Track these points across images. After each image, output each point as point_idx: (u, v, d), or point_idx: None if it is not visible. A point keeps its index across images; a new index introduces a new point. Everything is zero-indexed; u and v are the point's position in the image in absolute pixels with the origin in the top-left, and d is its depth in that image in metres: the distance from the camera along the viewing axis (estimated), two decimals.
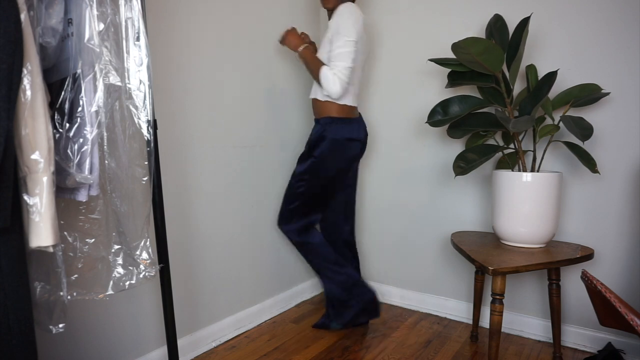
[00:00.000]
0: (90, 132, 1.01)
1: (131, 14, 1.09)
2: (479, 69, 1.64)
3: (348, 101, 1.84)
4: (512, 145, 1.79)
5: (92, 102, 1.02)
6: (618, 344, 1.73)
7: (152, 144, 1.19)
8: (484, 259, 1.52)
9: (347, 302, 1.94)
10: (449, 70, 1.85)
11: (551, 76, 1.55)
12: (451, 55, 1.98)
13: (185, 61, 1.70)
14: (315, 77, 1.80)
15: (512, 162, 1.82)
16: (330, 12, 1.87)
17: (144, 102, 1.13)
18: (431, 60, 1.80)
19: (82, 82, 1.01)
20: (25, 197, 0.90)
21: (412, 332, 2.00)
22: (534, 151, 1.70)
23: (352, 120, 1.86)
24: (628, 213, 1.70)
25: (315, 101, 1.89)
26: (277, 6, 2.12)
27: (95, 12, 1.00)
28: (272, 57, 2.11)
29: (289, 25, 2.18)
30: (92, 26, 1.00)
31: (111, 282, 1.14)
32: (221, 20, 1.84)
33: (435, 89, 2.11)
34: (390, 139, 2.28)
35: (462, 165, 1.75)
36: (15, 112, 0.86)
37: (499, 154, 1.93)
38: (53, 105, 1.02)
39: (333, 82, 1.74)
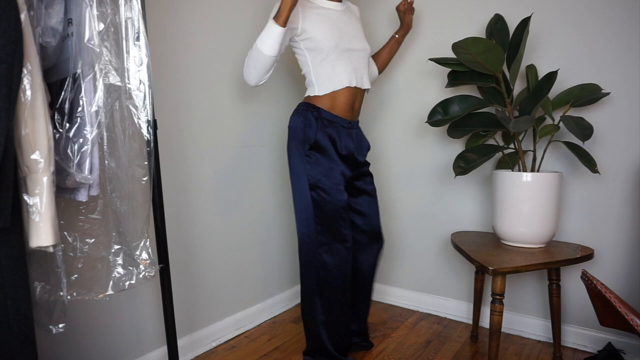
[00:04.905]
0: (90, 132, 1.02)
1: (131, 14, 1.09)
2: (479, 69, 1.64)
3: None
4: (512, 145, 1.79)
5: (92, 102, 1.02)
6: (618, 344, 1.73)
7: (152, 144, 1.19)
8: (484, 259, 1.52)
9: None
10: (449, 70, 1.85)
11: (551, 76, 1.55)
12: (451, 55, 1.98)
13: (185, 61, 1.70)
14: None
15: (512, 162, 1.82)
16: None
17: (144, 102, 1.14)
18: (431, 59, 1.80)
19: (82, 82, 1.01)
20: (25, 197, 0.90)
21: (412, 332, 2.00)
22: (534, 151, 1.70)
23: None
24: (628, 213, 1.70)
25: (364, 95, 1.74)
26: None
27: (95, 12, 1.00)
28: None
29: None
30: (92, 26, 1.00)
31: (111, 282, 1.14)
32: (221, 20, 1.84)
33: (435, 89, 2.11)
34: (390, 139, 2.28)
35: (462, 165, 1.75)
36: (15, 112, 0.86)
37: (499, 154, 1.93)
38: (53, 105, 1.02)
39: None
